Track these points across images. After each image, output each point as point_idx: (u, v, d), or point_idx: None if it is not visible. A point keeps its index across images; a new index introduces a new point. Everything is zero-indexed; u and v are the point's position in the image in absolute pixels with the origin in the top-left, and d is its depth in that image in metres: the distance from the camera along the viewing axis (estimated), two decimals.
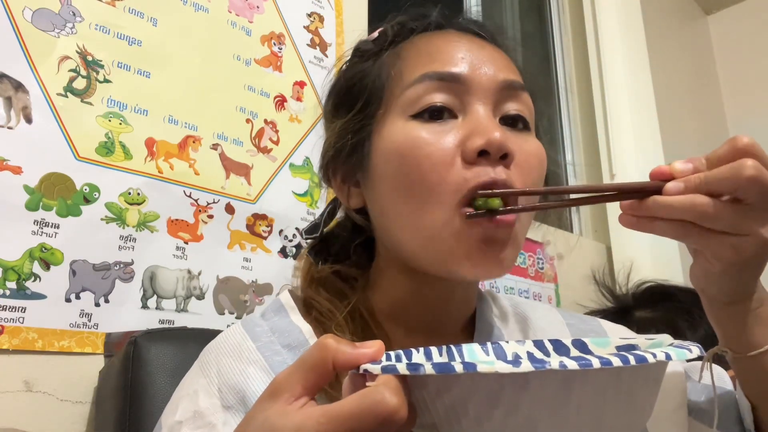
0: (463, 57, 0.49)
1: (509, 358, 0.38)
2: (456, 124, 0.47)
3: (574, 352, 0.38)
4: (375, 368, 0.29)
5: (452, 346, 0.38)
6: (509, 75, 0.50)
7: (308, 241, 0.61)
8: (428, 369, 0.27)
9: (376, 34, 0.56)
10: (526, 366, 0.26)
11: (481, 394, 0.28)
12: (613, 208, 1.99)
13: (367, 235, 0.57)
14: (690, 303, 0.98)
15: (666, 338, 0.34)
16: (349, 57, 0.58)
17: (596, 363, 0.26)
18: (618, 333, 0.59)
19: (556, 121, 2.23)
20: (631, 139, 1.99)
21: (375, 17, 1.46)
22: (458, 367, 0.27)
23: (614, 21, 2.09)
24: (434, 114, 0.47)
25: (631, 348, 0.36)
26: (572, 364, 0.26)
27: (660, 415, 0.51)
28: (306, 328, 0.50)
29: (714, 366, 0.58)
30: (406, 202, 0.47)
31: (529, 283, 1.67)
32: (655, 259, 1.89)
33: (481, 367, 0.26)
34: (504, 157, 0.45)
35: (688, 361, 0.59)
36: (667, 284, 1.08)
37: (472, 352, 0.38)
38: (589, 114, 2.17)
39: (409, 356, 0.35)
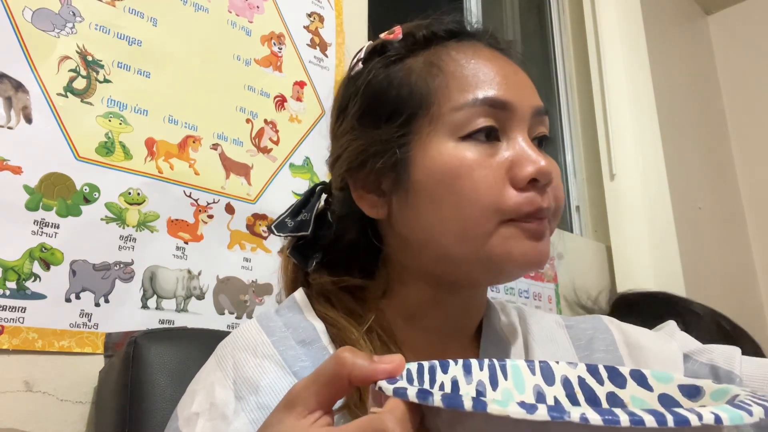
0: (506, 82, 0.51)
1: (557, 380, 0.36)
2: (501, 147, 0.49)
3: (630, 384, 0.34)
4: (388, 388, 0.28)
5: (495, 362, 0.36)
6: (539, 101, 0.53)
7: (286, 237, 0.60)
8: (437, 400, 0.26)
9: (399, 34, 0.55)
10: (541, 414, 0.24)
11: None
12: (613, 208, 2.00)
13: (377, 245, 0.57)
14: (661, 309, 0.99)
15: (732, 389, 0.30)
16: (366, 56, 0.57)
17: (625, 420, 0.23)
18: (624, 330, 0.59)
19: (556, 121, 2.23)
20: (631, 139, 1.99)
21: (375, 17, 1.46)
22: (467, 404, 0.25)
23: (614, 21, 2.09)
24: (485, 138, 0.49)
25: (693, 390, 0.32)
26: (595, 419, 0.23)
27: None
28: (320, 326, 0.52)
29: (725, 346, 0.57)
30: (455, 217, 0.48)
31: (529, 283, 1.67)
32: (656, 259, 1.89)
33: (492, 409, 0.25)
34: (547, 183, 0.49)
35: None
36: (634, 293, 1.10)
37: (517, 370, 0.36)
38: (589, 114, 2.17)
39: (433, 371, 0.33)
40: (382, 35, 0.56)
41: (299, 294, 0.56)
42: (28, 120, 0.86)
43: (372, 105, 0.53)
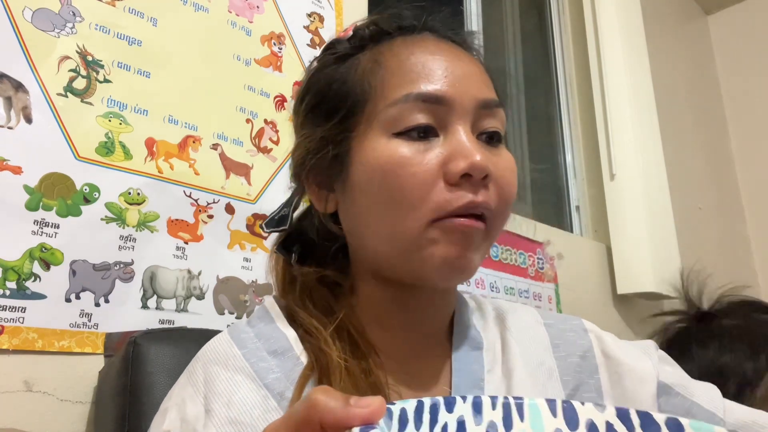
0: (445, 75, 0.49)
1: (581, 425, 0.32)
2: (438, 142, 0.48)
3: None
4: None
5: (511, 400, 0.31)
6: (487, 93, 0.51)
7: (274, 234, 0.60)
8: None
9: (350, 32, 0.55)
10: None
11: None
12: (613, 208, 2.00)
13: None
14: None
15: None
16: (321, 55, 0.57)
17: None
18: (601, 338, 0.58)
19: (556, 121, 2.23)
20: (631, 139, 1.99)
21: None
22: None
23: (614, 21, 2.09)
24: (419, 134, 0.48)
25: None
26: None
27: None
28: (291, 334, 0.51)
29: (704, 384, 0.55)
30: (385, 215, 0.48)
31: (529, 283, 1.67)
32: (656, 259, 1.89)
33: None
34: (485, 178, 0.47)
35: None
36: (754, 298, 1.10)
37: (536, 410, 0.32)
38: (589, 114, 2.17)
39: (435, 410, 0.29)
40: (338, 34, 0.57)
41: (269, 302, 0.55)
42: (28, 120, 0.86)
43: (316, 102, 0.54)
